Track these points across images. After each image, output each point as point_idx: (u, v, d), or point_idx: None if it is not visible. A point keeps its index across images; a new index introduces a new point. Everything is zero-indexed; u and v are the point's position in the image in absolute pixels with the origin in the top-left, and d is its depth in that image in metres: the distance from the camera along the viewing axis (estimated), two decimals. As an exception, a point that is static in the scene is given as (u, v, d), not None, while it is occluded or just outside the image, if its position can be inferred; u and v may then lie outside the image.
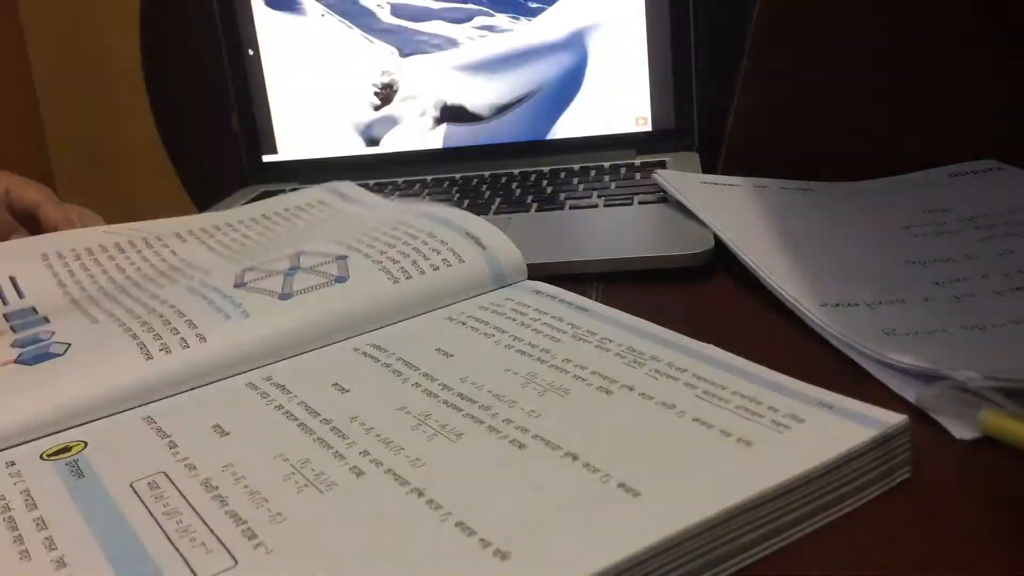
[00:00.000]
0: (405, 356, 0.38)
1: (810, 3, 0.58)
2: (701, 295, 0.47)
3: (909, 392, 0.34)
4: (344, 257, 0.46)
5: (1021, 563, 0.25)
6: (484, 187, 0.68)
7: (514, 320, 0.41)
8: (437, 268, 0.45)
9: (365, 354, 0.39)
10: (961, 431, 0.31)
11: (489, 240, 0.47)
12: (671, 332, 0.37)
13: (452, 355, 0.38)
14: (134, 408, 0.36)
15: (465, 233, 0.47)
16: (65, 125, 1.46)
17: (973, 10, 0.57)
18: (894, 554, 0.26)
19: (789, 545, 0.27)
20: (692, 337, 0.36)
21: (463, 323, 0.41)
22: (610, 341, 0.37)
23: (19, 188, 0.58)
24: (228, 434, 0.32)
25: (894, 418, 0.29)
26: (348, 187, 0.61)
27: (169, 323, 0.39)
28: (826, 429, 0.29)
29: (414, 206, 0.53)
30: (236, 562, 0.25)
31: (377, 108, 0.76)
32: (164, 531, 0.27)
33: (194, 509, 0.28)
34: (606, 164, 0.70)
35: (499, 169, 0.72)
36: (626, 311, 0.40)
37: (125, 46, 1.09)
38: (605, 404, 0.32)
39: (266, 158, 0.79)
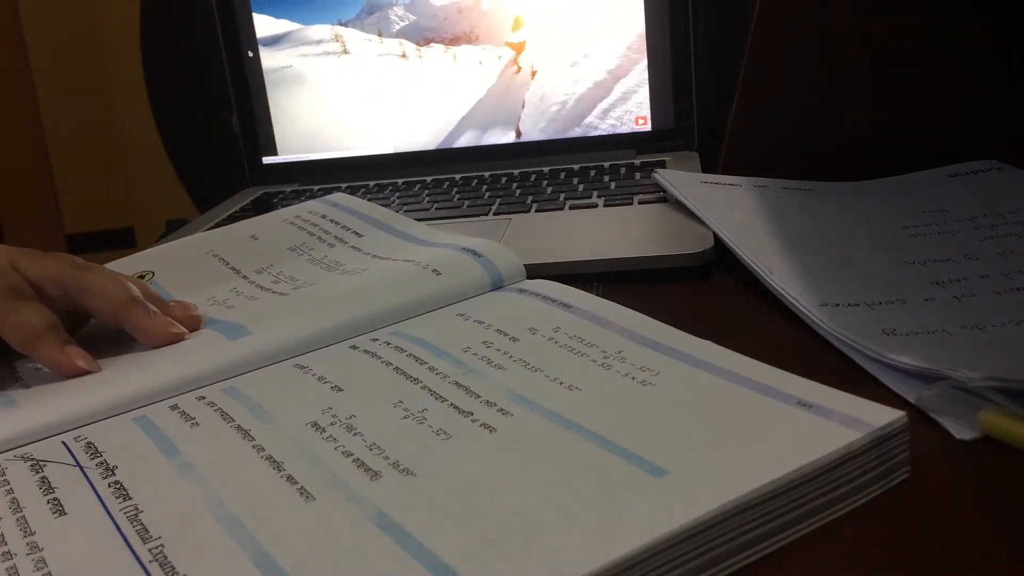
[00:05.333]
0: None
1: (809, 2, 0.58)
2: (701, 295, 0.47)
3: (909, 392, 0.34)
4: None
5: (1021, 563, 0.25)
6: (484, 187, 0.68)
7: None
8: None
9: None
10: (961, 431, 0.31)
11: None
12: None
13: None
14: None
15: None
16: (65, 125, 1.46)
17: (973, 9, 0.57)
18: (894, 554, 0.26)
19: (789, 544, 0.27)
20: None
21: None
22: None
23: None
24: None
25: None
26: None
27: None
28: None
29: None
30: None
31: (376, 109, 0.76)
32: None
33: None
34: (606, 164, 0.70)
35: (499, 169, 0.72)
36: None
37: (125, 47, 1.09)
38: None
39: (266, 160, 0.79)
